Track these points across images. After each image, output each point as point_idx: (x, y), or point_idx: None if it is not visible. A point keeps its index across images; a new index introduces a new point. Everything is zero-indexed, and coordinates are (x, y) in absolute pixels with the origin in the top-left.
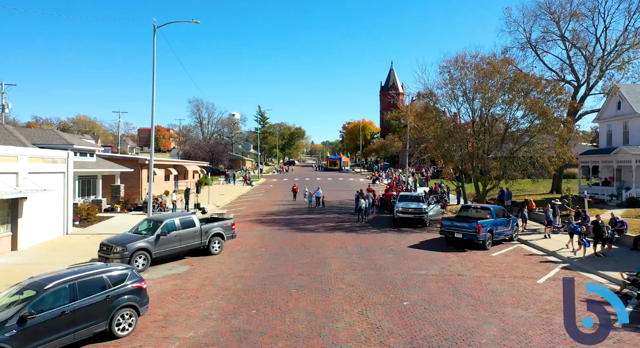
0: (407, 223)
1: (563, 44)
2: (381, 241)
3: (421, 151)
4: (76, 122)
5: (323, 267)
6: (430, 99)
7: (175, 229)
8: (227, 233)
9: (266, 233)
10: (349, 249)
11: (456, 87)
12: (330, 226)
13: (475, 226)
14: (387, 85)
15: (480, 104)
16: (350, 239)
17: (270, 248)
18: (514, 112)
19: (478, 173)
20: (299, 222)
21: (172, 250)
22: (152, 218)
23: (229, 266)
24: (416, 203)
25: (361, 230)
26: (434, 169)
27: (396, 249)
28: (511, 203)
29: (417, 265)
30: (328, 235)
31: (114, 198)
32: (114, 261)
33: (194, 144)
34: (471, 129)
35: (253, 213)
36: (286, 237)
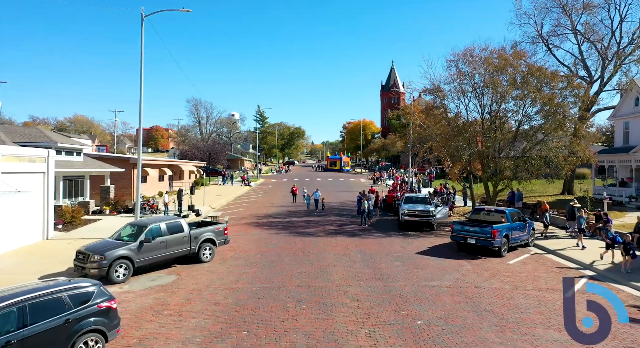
0: (414, 227)
1: (575, 38)
2: (386, 246)
3: (426, 150)
4: (73, 121)
5: (324, 277)
6: (436, 95)
7: (161, 235)
8: (219, 238)
9: (263, 238)
10: (352, 256)
11: (465, 82)
12: (331, 229)
13: (490, 231)
14: (388, 84)
15: (490, 99)
16: (353, 244)
17: (266, 254)
18: (527, 108)
19: (489, 173)
20: (298, 225)
21: (158, 257)
22: (135, 222)
23: (220, 276)
24: (423, 205)
25: (364, 234)
26: (438, 169)
27: (403, 256)
28: (522, 204)
29: (428, 275)
30: (329, 240)
31: (104, 200)
32: (91, 271)
33: (191, 144)
34: (480, 126)
35: (250, 216)
36: (284, 242)
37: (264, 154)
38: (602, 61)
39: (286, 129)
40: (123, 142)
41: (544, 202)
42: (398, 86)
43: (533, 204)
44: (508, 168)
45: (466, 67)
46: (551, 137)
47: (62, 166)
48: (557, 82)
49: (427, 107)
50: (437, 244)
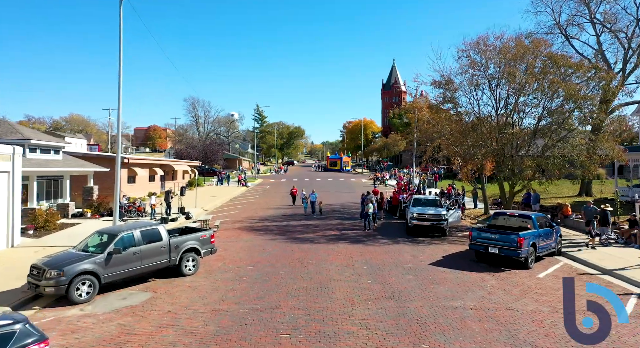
0: (423, 232)
1: (593, 29)
2: (395, 255)
3: (434, 148)
4: (69, 121)
5: (325, 295)
6: (447, 88)
7: (135, 244)
8: (204, 247)
9: (256, 244)
10: (356, 267)
11: (478, 73)
12: (332, 235)
13: (515, 240)
14: (389, 83)
15: (506, 92)
16: (357, 253)
17: (259, 265)
18: (548, 101)
19: (507, 173)
20: (296, 230)
21: (130, 271)
22: (104, 230)
23: (203, 294)
24: (434, 209)
25: (369, 240)
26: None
27: (415, 267)
28: (539, 207)
29: (447, 292)
30: (330, 247)
31: (86, 202)
32: (47, 289)
33: (186, 143)
34: (495, 121)
35: (244, 219)
36: (280, 250)
37: (262, 154)
38: (624, 52)
39: (285, 129)
40: None
41: (566, 205)
42: (399, 84)
43: (552, 207)
44: (529, 167)
45: (479, 57)
46: (575, 133)
47: (36, 165)
48: (583, 72)
49: (436, 101)
50: (451, 253)
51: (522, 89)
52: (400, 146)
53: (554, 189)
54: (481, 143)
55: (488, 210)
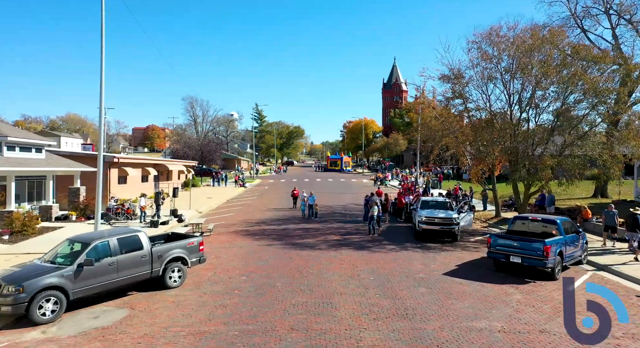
0: (433, 237)
1: (608, 21)
2: (404, 264)
3: (442, 147)
4: (66, 120)
5: (328, 313)
6: (456, 82)
7: (110, 254)
8: (192, 256)
9: (252, 251)
10: (362, 278)
11: (491, 65)
12: (334, 240)
13: (541, 248)
14: (390, 82)
15: (521, 86)
16: (362, 260)
17: (254, 275)
18: (568, 95)
19: (523, 173)
20: (295, 235)
21: (105, 285)
22: (76, 238)
23: (187, 311)
24: (444, 212)
25: (374, 246)
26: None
27: (428, 278)
28: (554, 209)
29: (467, 310)
30: (332, 254)
31: (72, 204)
32: (3, 308)
33: (183, 143)
34: (508, 118)
35: (240, 222)
36: (277, 257)
37: (262, 154)
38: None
39: (285, 128)
40: (117, 141)
41: (585, 208)
42: (400, 83)
43: (568, 209)
44: (548, 167)
45: (491, 48)
46: (596, 130)
47: (15, 164)
48: (608, 63)
49: (444, 97)
50: (466, 260)
51: (539, 82)
52: (402, 145)
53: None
54: (496, 141)
55: (499, 213)
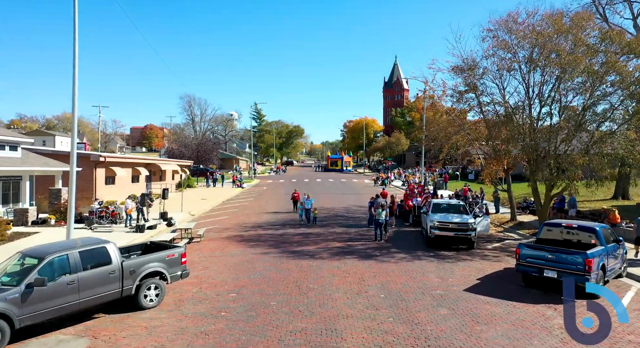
0: (446, 244)
1: (629, 9)
2: (418, 276)
3: (452, 146)
4: (61, 119)
5: (332, 344)
6: (470, 74)
7: (70, 271)
8: (172, 270)
9: (245, 260)
10: (371, 295)
11: (508, 56)
12: (336, 247)
13: (582, 261)
14: (391, 81)
15: (542, 77)
16: (369, 272)
17: (245, 291)
18: (597, 86)
19: (547, 173)
20: (294, 241)
21: (62, 308)
22: (28, 251)
23: (161, 341)
24: (459, 216)
25: (382, 254)
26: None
27: (448, 295)
28: (576, 212)
29: (502, 339)
30: (335, 265)
31: (52, 206)
32: None
33: (178, 142)
34: (528, 113)
35: (234, 226)
36: (273, 268)
37: (261, 154)
38: None
39: (284, 128)
40: (114, 141)
41: (614, 211)
42: (402, 82)
43: (591, 213)
44: (579, 166)
45: (508, 37)
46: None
47: None
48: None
49: (453, 91)
50: (488, 273)
51: (564, 71)
52: (404, 145)
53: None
54: (517, 137)
55: (515, 216)
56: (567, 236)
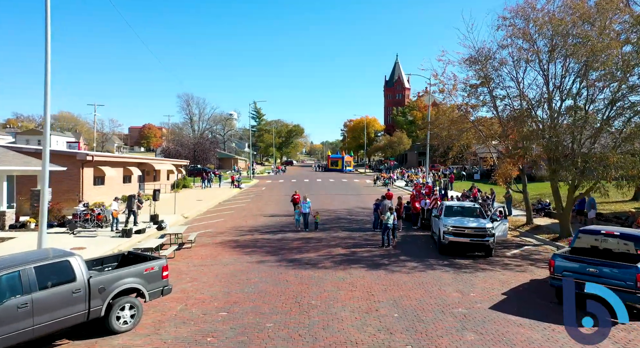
0: (461, 250)
1: None
2: (434, 290)
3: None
4: (58, 118)
5: None
6: (484, 65)
7: (21, 291)
8: (151, 286)
9: (238, 270)
10: (383, 314)
11: (527, 46)
12: (340, 255)
13: (634, 276)
14: (392, 80)
15: (563, 67)
16: (379, 285)
17: (237, 310)
18: (628, 77)
19: (573, 172)
20: (293, 247)
21: (9, 337)
22: None
23: None
24: (475, 220)
25: (391, 263)
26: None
27: (472, 314)
28: (595, 214)
29: None
30: (340, 276)
31: (34, 208)
32: None
33: (175, 141)
34: (548, 107)
35: (230, 229)
36: (270, 280)
37: (260, 154)
38: None
39: (284, 127)
40: (112, 140)
41: None
42: (403, 81)
43: (615, 216)
44: (611, 165)
45: (524, 24)
46: None
47: None
48: None
49: (465, 85)
50: (513, 285)
51: (595, 60)
52: (406, 144)
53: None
54: (539, 133)
55: (531, 219)
56: (608, 244)
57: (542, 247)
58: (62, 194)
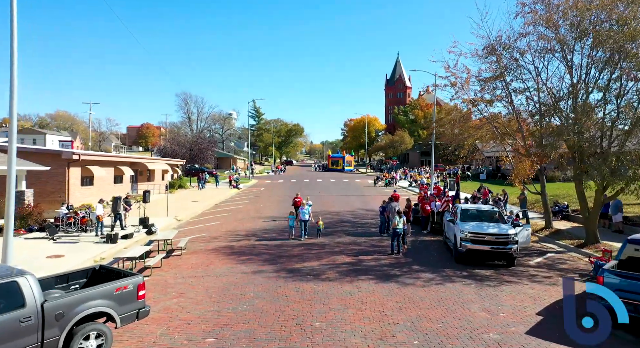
0: (479, 259)
1: None
2: (457, 308)
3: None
4: (55, 117)
5: None
6: (501, 55)
7: None
8: (123, 309)
9: (232, 283)
10: (400, 341)
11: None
12: (346, 263)
13: None
14: (393, 78)
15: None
16: (392, 302)
17: (227, 335)
18: None
19: (605, 171)
20: (293, 254)
21: None
22: None
23: None
24: (496, 225)
25: (403, 274)
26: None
27: (506, 341)
28: (622, 218)
29: None
30: (346, 290)
31: None
32: None
33: (171, 140)
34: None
35: (225, 234)
36: (266, 295)
37: (259, 153)
38: None
39: (284, 126)
40: (109, 140)
41: None
42: (404, 79)
43: None
44: None
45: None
46: None
47: None
48: None
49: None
50: (546, 302)
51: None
52: (408, 143)
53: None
54: (569, 128)
55: (551, 223)
56: None
57: (566, 255)
58: (47, 196)
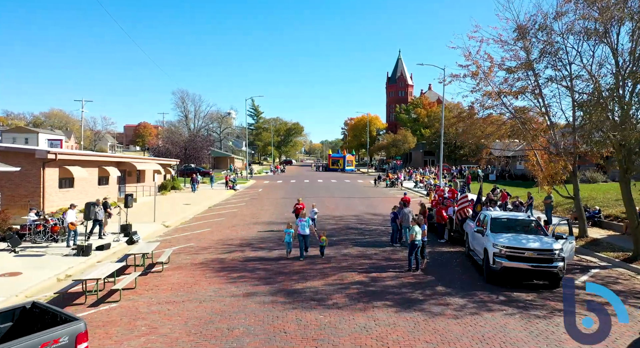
0: (516, 278)
1: None
2: None
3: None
4: (49, 116)
5: None
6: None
7: None
8: None
9: (218, 311)
10: None
11: (595, 15)
12: (356, 283)
13: None
14: (395, 76)
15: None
16: (421, 343)
17: None
18: None
19: None
20: (293, 270)
21: None
22: None
23: None
24: (537, 238)
25: (427, 298)
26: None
27: None
28: None
29: None
30: (360, 323)
31: None
32: None
33: (165, 139)
34: (618, 92)
35: (215, 244)
36: (260, 330)
37: (258, 153)
38: None
39: (283, 125)
40: (105, 139)
41: None
42: (406, 77)
43: None
44: None
45: None
46: None
47: None
48: None
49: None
50: (620, 342)
51: None
52: (411, 143)
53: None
54: (627, 123)
55: (586, 231)
56: None
57: (614, 271)
58: (19, 199)
